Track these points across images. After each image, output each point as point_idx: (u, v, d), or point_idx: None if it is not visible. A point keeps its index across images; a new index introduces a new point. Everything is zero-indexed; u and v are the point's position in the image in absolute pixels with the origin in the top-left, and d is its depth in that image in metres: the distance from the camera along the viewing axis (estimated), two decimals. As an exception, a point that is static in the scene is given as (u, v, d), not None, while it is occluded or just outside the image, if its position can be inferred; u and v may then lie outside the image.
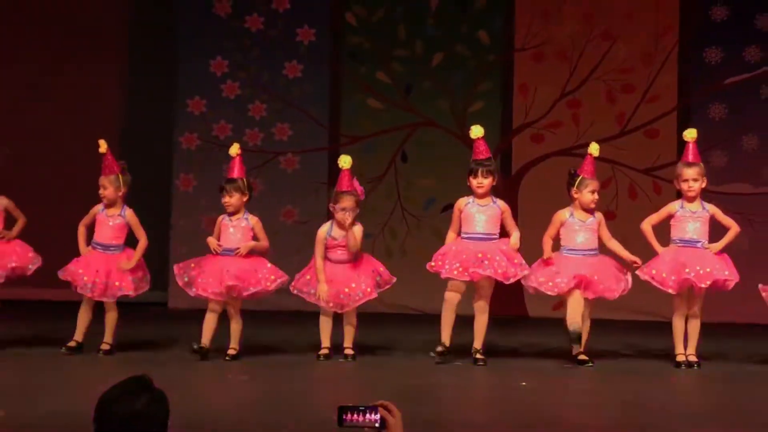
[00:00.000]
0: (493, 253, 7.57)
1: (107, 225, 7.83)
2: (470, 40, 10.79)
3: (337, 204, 7.74)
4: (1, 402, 5.90)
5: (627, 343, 8.55)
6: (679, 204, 7.75)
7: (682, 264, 7.59)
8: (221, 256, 7.74)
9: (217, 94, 10.84)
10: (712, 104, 10.60)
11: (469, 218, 7.66)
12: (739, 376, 7.51)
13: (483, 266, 7.53)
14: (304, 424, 5.63)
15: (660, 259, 7.68)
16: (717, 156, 10.49)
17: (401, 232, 10.74)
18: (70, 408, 5.55)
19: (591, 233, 7.64)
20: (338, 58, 10.86)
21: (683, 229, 7.69)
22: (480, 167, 7.66)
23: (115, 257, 7.80)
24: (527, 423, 5.91)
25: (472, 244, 7.62)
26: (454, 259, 7.58)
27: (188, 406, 5.55)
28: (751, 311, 9.90)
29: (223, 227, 7.83)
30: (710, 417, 6.24)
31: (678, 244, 7.68)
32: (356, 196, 7.76)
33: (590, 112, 10.67)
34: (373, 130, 10.80)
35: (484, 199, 7.69)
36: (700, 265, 7.59)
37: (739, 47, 10.56)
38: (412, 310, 10.43)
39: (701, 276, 7.57)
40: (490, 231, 7.66)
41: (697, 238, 7.67)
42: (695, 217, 7.70)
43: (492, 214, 7.67)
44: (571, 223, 7.66)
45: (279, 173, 10.83)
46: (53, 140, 10.97)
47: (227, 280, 7.61)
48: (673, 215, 7.72)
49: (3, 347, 7.86)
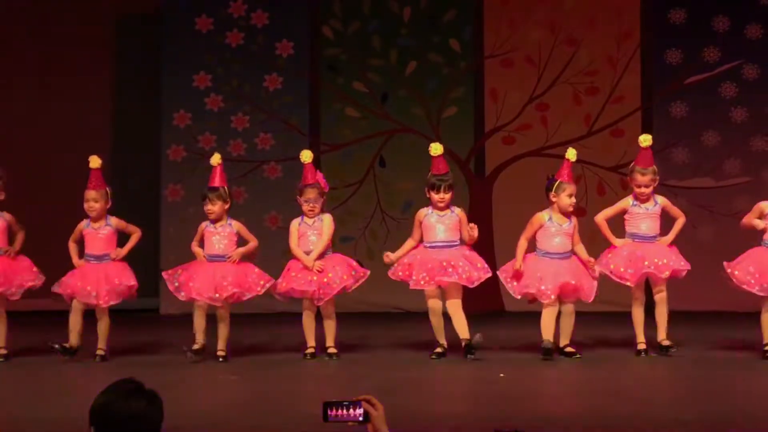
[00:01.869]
0: (456, 259, 7.82)
1: (97, 237, 8.02)
2: (442, 49, 11.16)
3: (301, 197, 8.08)
4: (2, 409, 6.00)
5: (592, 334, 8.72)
6: (632, 200, 8.01)
7: (640, 258, 7.88)
8: (210, 263, 7.96)
9: (201, 107, 11.18)
10: (673, 103, 10.98)
11: (430, 228, 7.91)
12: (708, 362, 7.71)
13: (448, 273, 7.78)
14: (291, 420, 5.77)
15: (618, 253, 7.96)
16: (679, 152, 10.89)
17: (381, 234, 11.09)
18: (71, 413, 5.50)
19: (567, 237, 7.85)
20: (316, 69, 11.20)
21: (637, 226, 7.97)
22: (442, 183, 7.91)
23: (110, 265, 8.01)
24: (506, 414, 6.04)
25: (435, 253, 7.86)
26: (420, 269, 7.83)
27: (180, 407, 5.72)
28: (715, 299, 10.36)
29: (207, 234, 8.01)
30: (688, 402, 6.41)
31: (634, 240, 7.97)
32: (319, 188, 8.03)
33: (558, 115, 11.06)
34: (351, 138, 11.17)
35: (443, 210, 7.95)
36: (657, 257, 7.90)
37: (697, 48, 10.97)
38: (393, 308, 10.78)
39: (660, 267, 7.87)
40: (451, 238, 7.91)
41: (651, 233, 7.97)
42: (648, 214, 7.96)
43: (451, 222, 7.91)
44: (548, 226, 7.84)
45: (263, 181, 11.19)
46: (44, 156, 11.19)
47: (229, 288, 7.83)
48: (627, 210, 8.00)
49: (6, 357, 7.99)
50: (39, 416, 6.00)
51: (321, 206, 8.06)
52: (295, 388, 7.14)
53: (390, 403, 3.49)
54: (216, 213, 8.01)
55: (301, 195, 8.10)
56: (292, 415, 5.98)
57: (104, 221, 8.08)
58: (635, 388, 6.99)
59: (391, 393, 6.21)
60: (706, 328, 9.49)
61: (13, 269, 8.03)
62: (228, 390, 7.20)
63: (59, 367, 7.81)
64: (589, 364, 7.74)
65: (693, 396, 6.72)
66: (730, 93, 10.92)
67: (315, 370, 7.78)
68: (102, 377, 7.06)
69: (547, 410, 6.32)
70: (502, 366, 7.53)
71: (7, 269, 8.01)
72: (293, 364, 7.88)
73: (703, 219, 10.72)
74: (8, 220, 8.10)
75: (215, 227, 8.03)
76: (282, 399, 6.64)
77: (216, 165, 8.14)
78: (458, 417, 6.11)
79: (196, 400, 6.63)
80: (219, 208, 8.00)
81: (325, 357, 8.01)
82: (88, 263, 8.05)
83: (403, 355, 8.14)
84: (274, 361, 8.00)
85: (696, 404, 6.40)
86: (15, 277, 8.01)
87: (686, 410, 6.16)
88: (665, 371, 7.67)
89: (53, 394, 6.91)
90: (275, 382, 7.35)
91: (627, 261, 7.93)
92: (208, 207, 8.01)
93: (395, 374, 7.45)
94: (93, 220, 8.07)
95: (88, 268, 8.03)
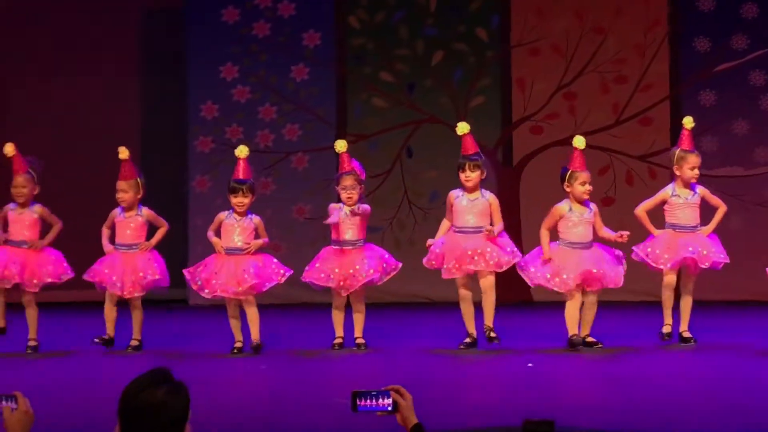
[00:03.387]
0: (483, 247, 7.82)
1: (128, 226, 8.09)
2: (469, 38, 11.15)
3: (338, 185, 8.09)
4: (39, 398, 6.12)
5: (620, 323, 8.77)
6: (672, 189, 7.99)
7: (682, 245, 7.85)
8: (228, 255, 7.93)
9: (229, 99, 11.24)
10: (702, 91, 10.94)
11: (460, 212, 7.91)
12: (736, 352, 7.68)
13: (474, 262, 7.78)
14: (320, 410, 5.81)
15: (656, 239, 7.94)
16: (708, 141, 10.83)
17: (409, 224, 11.12)
18: (101, 403, 5.32)
19: (588, 226, 7.81)
20: (343, 59, 11.23)
21: (677, 216, 7.95)
22: (467, 162, 7.90)
23: (139, 254, 8.08)
24: (536, 403, 6.05)
25: (463, 239, 7.86)
26: (450, 257, 7.82)
27: (208, 397, 5.78)
28: (745, 288, 10.34)
29: (226, 227, 7.98)
30: (715, 393, 6.40)
31: (674, 229, 7.94)
32: (356, 175, 8.01)
33: (586, 104, 11.03)
34: (378, 128, 11.19)
35: (473, 193, 7.92)
36: (700, 246, 7.89)
37: (726, 35, 10.91)
38: (420, 298, 10.82)
39: (702, 257, 7.86)
40: (480, 224, 7.88)
41: (691, 223, 7.94)
42: (688, 204, 7.94)
43: (481, 207, 7.90)
44: (569, 216, 7.81)
45: (290, 172, 11.23)
46: (76, 150, 11.33)
47: (250, 279, 7.83)
48: (667, 201, 7.99)
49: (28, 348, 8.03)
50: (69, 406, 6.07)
51: (359, 194, 8.04)
52: (324, 378, 7.18)
53: (418, 393, 3.50)
54: (247, 205, 8.01)
55: (338, 184, 8.08)
56: (320, 405, 6.02)
57: (136, 211, 8.15)
58: (663, 378, 6.98)
59: (419, 383, 6.23)
60: (735, 318, 9.47)
61: (38, 262, 8.08)
62: (256, 380, 7.25)
63: (90, 357, 7.88)
64: (617, 353, 7.75)
65: (720, 386, 6.71)
66: (759, 81, 10.86)
67: (343, 361, 7.81)
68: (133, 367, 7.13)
69: (576, 400, 6.34)
70: (530, 356, 7.55)
71: (32, 262, 8.06)
72: (322, 355, 7.92)
73: (732, 208, 10.62)
74: (40, 212, 8.16)
75: (237, 219, 8.01)
76: (310, 389, 6.69)
77: (242, 157, 8.12)
78: (487, 407, 6.13)
79: (224, 390, 6.67)
80: (249, 200, 8.00)
81: (353, 347, 8.02)
82: (118, 252, 8.11)
83: (432, 345, 8.15)
84: (303, 352, 8.04)
85: (723, 395, 6.38)
86: (38, 271, 8.06)
87: (713, 401, 6.16)
88: (692, 361, 7.68)
89: (85, 384, 6.97)
90: (304, 372, 7.40)
91: (666, 247, 7.90)
92: (239, 199, 7.98)
93: (423, 364, 7.48)
94: (125, 209, 8.13)
95: (116, 257, 8.10)
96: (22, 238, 8.10)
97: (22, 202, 8.11)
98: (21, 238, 8.10)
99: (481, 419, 5.70)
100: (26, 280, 8.03)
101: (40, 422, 3.38)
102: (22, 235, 8.10)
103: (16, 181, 8.10)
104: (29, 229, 8.12)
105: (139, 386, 3.05)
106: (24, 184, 8.10)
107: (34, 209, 8.15)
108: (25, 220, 8.11)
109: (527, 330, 8.84)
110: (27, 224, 8.11)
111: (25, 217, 8.11)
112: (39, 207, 8.17)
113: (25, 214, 8.11)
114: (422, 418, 3.42)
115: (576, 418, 5.45)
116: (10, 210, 8.15)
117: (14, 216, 8.12)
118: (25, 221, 8.11)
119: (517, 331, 8.62)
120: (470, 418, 5.73)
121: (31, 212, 8.14)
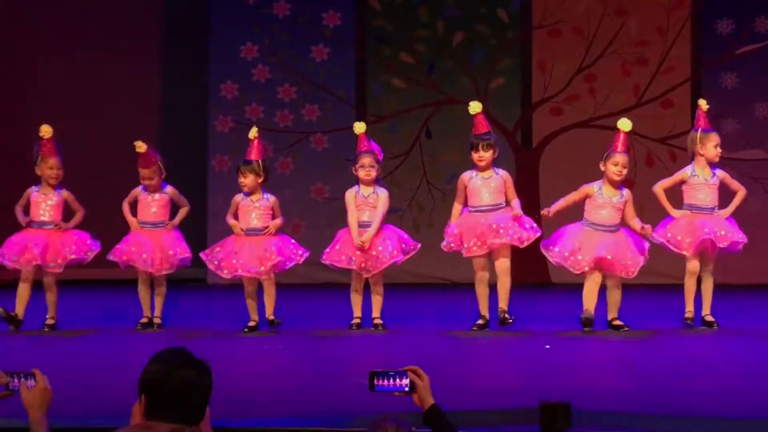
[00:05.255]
0: (505, 222, 7.80)
1: (153, 204, 8.12)
2: (489, 19, 11.13)
3: (357, 164, 8.09)
4: (61, 377, 6.14)
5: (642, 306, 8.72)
6: (691, 170, 7.97)
7: (699, 227, 7.82)
8: (248, 237, 7.95)
9: (248, 79, 11.26)
10: (724, 74, 10.89)
11: (475, 191, 7.88)
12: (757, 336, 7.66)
13: (499, 235, 7.76)
14: (338, 390, 5.83)
15: (675, 222, 7.91)
16: (729, 124, 10.79)
17: (428, 205, 11.13)
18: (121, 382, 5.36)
19: (615, 210, 7.79)
20: (363, 40, 11.23)
21: (695, 196, 7.93)
22: (480, 141, 7.88)
23: (165, 231, 8.11)
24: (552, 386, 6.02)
25: (482, 217, 7.83)
26: (470, 235, 7.81)
27: (228, 377, 5.66)
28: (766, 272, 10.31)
29: (243, 208, 8.01)
30: (736, 378, 6.32)
31: (692, 210, 7.93)
32: (374, 154, 8.02)
33: (606, 86, 11.00)
34: (398, 109, 11.19)
35: (486, 172, 7.90)
36: (717, 227, 7.86)
37: (749, 18, 10.84)
38: (439, 279, 10.84)
39: (719, 237, 7.82)
40: (497, 201, 7.87)
41: (709, 204, 7.92)
42: (708, 184, 7.92)
43: (496, 185, 7.88)
44: (596, 197, 7.79)
45: (309, 152, 11.25)
46: (98, 130, 11.40)
47: (274, 257, 7.86)
48: (686, 181, 7.97)
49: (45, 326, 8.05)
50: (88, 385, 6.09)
51: (377, 173, 8.05)
52: (341, 358, 7.20)
53: (435, 374, 3.51)
54: (249, 186, 8.02)
55: (356, 163, 8.08)
56: (338, 385, 6.05)
57: (159, 189, 8.19)
58: (683, 363, 6.97)
59: (436, 364, 6.15)
60: (758, 302, 9.44)
61: (62, 242, 8.07)
62: (274, 360, 7.28)
63: (108, 335, 7.93)
64: (636, 337, 7.72)
65: (741, 371, 6.67)
66: (781, 63, 10.81)
67: (361, 341, 7.84)
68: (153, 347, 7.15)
69: (593, 383, 6.32)
70: (547, 338, 7.55)
71: (55, 243, 8.06)
72: (339, 335, 7.95)
73: (753, 191, 10.58)
74: (66, 197, 8.17)
75: (252, 200, 8.03)
76: (328, 369, 6.71)
77: (253, 138, 8.13)
78: (503, 388, 6.13)
79: (242, 370, 6.70)
80: (251, 181, 8.00)
81: (371, 328, 8.04)
82: (144, 230, 8.14)
83: (449, 327, 8.16)
84: (320, 332, 8.06)
85: (744, 379, 6.36)
86: (61, 250, 8.05)
87: (735, 386, 6.13)
88: (714, 345, 7.65)
89: (104, 362, 7.00)
90: (321, 352, 7.43)
91: (685, 230, 7.88)
92: (240, 180, 8.02)
93: (441, 345, 7.49)
94: (148, 188, 8.17)
95: (143, 235, 8.12)
96: (47, 219, 8.09)
97: (54, 184, 8.11)
98: (45, 219, 8.09)
99: (498, 401, 5.70)
100: (48, 261, 8.01)
101: (57, 399, 3.40)
102: (46, 217, 8.09)
103: (50, 162, 8.08)
104: (54, 211, 8.11)
105: (170, 367, 3.08)
106: (59, 167, 8.10)
107: (60, 193, 8.16)
108: (50, 203, 8.10)
109: (545, 312, 8.83)
110: (52, 207, 8.11)
111: (51, 200, 8.11)
112: (65, 192, 8.19)
113: (51, 195, 8.11)
114: (439, 399, 3.44)
115: (593, 401, 5.44)
116: (34, 191, 8.15)
117: (39, 198, 8.12)
118: (50, 204, 8.10)
119: (535, 313, 8.63)
120: (487, 399, 5.73)
121: (58, 195, 8.14)
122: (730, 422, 5.11)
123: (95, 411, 5.24)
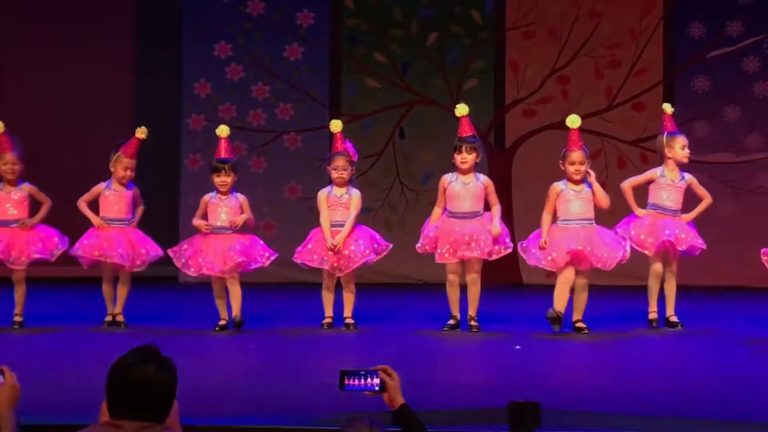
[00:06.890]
0: (479, 234, 7.80)
1: (118, 201, 8.07)
2: (463, 20, 11.14)
3: (330, 165, 8.09)
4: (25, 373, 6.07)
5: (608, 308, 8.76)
6: (661, 171, 8.03)
7: (660, 227, 7.89)
8: (215, 234, 7.95)
9: (222, 77, 11.24)
10: (696, 77, 10.95)
11: (454, 196, 7.88)
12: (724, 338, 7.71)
13: (470, 248, 7.77)
14: (308, 389, 5.84)
15: (639, 221, 7.96)
16: (700, 127, 10.84)
17: (400, 205, 11.13)
18: (88, 380, 5.48)
19: (586, 202, 7.80)
20: (337, 39, 11.21)
21: (660, 197, 7.99)
22: (464, 143, 7.87)
23: (131, 230, 8.09)
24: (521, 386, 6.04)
25: (458, 224, 7.83)
26: (444, 242, 7.81)
27: (197, 375, 5.81)
28: (735, 273, 10.38)
29: (212, 206, 8.00)
30: (701, 379, 6.41)
31: (656, 210, 7.99)
32: (347, 156, 8.02)
33: (579, 88, 11.03)
34: (371, 109, 11.19)
35: (467, 176, 7.89)
36: (678, 230, 7.92)
37: (721, 21, 10.91)
38: (411, 279, 10.84)
39: (680, 240, 7.88)
40: (475, 208, 7.87)
41: (674, 206, 7.98)
42: (675, 186, 7.99)
43: (476, 190, 7.87)
44: (564, 192, 7.81)
45: (282, 151, 11.24)
46: (68, 126, 11.34)
47: (236, 257, 7.85)
48: (654, 181, 8.03)
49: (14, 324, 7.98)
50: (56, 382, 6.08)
51: (350, 175, 8.05)
52: (312, 357, 7.21)
53: (405, 374, 3.52)
54: (229, 185, 8.02)
55: (330, 163, 8.09)
56: (308, 384, 6.06)
57: (125, 186, 8.16)
58: (649, 363, 7.03)
59: (407, 364, 6.24)
60: (725, 304, 9.50)
61: (26, 240, 8.02)
62: (245, 358, 7.28)
63: (76, 333, 7.89)
64: (605, 338, 7.76)
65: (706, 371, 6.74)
66: (753, 67, 10.87)
67: (332, 340, 7.84)
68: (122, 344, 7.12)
69: (562, 383, 6.36)
70: (518, 339, 7.58)
71: (20, 240, 8.00)
72: (310, 334, 7.95)
73: (723, 193, 10.68)
74: (29, 190, 8.12)
75: (221, 199, 8.04)
76: (299, 368, 6.72)
77: (223, 137, 8.13)
78: (473, 388, 6.16)
79: (213, 368, 6.71)
80: (232, 179, 8.01)
81: (342, 327, 8.04)
82: (111, 227, 8.09)
83: (421, 326, 8.18)
84: (292, 331, 8.06)
85: (709, 379, 6.41)
86: (25, 248, 7.98)
87: (699, 385, 6.20)
88: (678, 345, 7.70)
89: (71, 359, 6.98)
90: (292, 351, 7.42)
91: (648, 230, 7.94)
92: (222, 178, 8.00)
93: (412, 345, 7.51)
94: (113, 184, 8.12)
95: (112, 231, 8.07)
96: (10, 217, 8.04)
97: (11, 179, 8.06)
98: (8, 218, 8.04)
99: (468, 400, 5.73)
100: (12, 258, 7.95)
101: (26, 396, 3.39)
102: (9, 214, 8.04)
103: (5, 158, 8.03)
104: (17, 207, 8.06)
105: (129, 363, 3.07)
106: (15, 161, 8.06)
107: (22, 187, 8.10)
108: (14, 199, 8.05)
109: (517, 312, 8.86)
110: (15, 202, 8.06)
111: (13, 196, 8.05)
112: (27, 185, 8.13)
113: (13, 192, 8.06)
114: (409, 399, 3.45)
115: (562, 401, 5.47)
116: None
117: (1, 195, 8.06)
118: (13, 200, 8.05)
119: (506, 313, 8.66)
120: (457, 398, 5.77)
121: (20, 190, 8.09)
122: (694, 422, 5.16)
123: (63, 408, 5.23)
